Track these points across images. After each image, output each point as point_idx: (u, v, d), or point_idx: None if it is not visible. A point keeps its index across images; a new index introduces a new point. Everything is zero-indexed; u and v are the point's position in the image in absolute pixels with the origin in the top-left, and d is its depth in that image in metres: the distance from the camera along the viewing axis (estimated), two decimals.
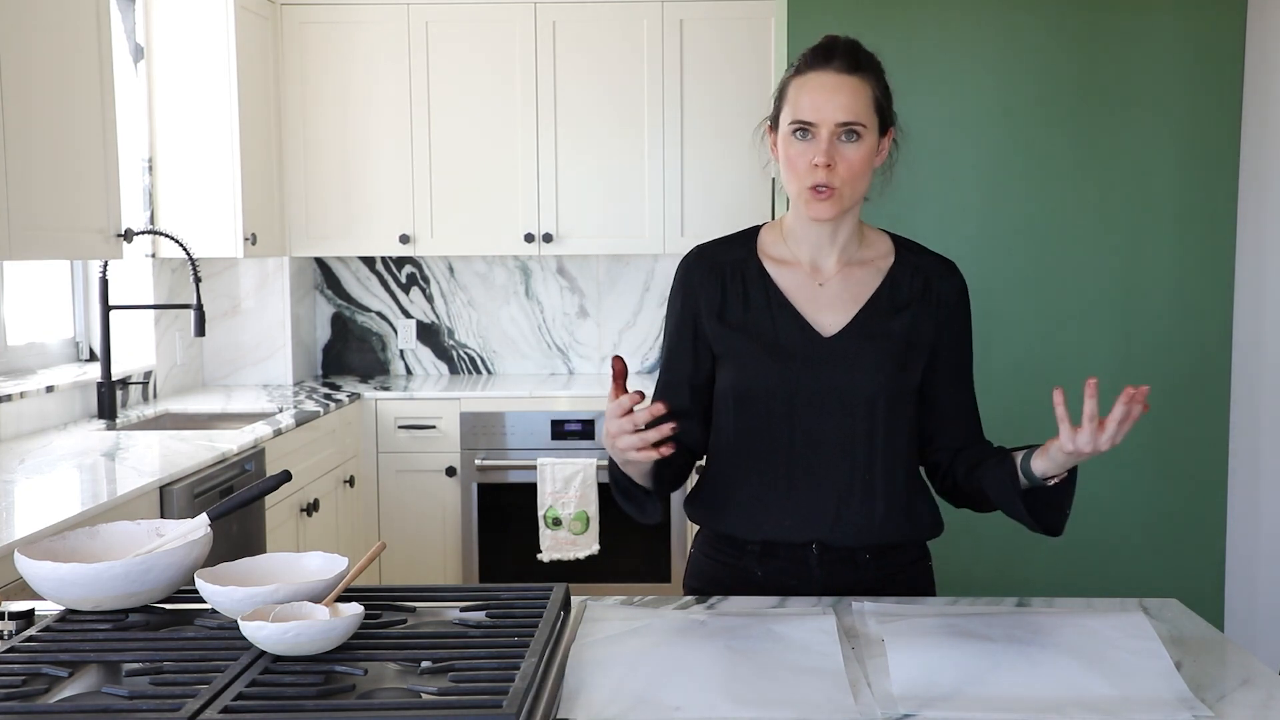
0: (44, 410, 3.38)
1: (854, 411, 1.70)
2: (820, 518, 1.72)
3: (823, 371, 1.71)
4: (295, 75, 4.39)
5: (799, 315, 1.73)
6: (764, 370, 1.72)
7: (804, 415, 1.71)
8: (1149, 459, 3.49)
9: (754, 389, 1.73)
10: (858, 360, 1.71)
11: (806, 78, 1.68)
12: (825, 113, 1.64)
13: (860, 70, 1.67)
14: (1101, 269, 3.45)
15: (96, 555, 1.57)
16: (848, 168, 1.65)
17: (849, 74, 1.66)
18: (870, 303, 1.74)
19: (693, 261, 1.80)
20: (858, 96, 1.65)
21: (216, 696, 1.21)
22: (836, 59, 1.67)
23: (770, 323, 1.73)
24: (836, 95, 1.64)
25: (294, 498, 3.59)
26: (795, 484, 1.72)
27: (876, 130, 1.68)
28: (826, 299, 1.74)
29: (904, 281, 1.76)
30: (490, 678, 1.26)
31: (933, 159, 3.41)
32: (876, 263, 1.77)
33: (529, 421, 4.24)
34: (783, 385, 1.71)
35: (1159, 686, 1.29)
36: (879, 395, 1.70)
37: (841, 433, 1.71)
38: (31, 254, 2.73)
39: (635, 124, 4.40)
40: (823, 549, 1.73)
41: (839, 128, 1.64)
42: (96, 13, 2.98)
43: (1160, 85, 3.40)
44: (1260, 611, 3.33)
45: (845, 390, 1.70)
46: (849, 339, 1.72)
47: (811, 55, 1.69)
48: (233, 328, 4.54)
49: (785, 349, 1.72)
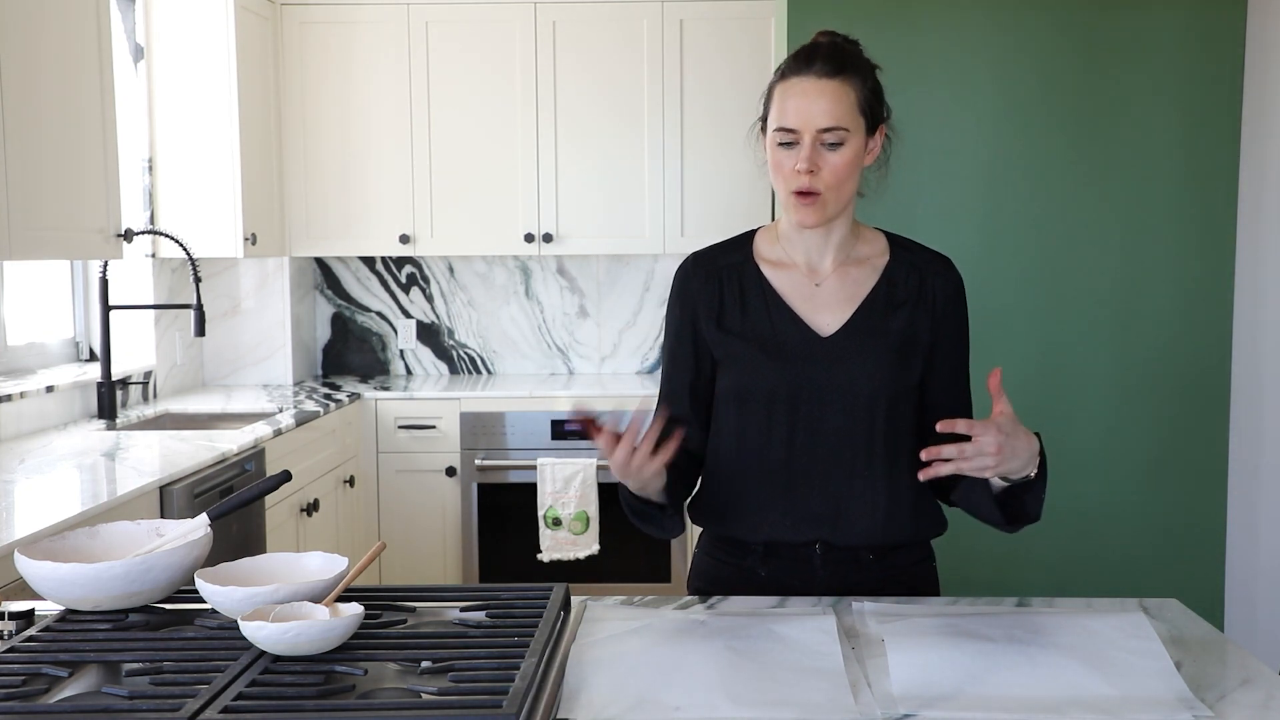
0: (44, 410, 3.38)
1: (854, 410, 1.70)
2: (822, 518, 1.72)
3: (822, 371, 1.70)
4: (295, 75, 4.39)
5: (796, 316, 1.73)
6: (764, 371, 1.72)
7: (804, 415, 1.71)
8: (1149, 460, 3.49)
9: (754, 390, 1.73)
10: (857, 359, 1.70)
11: (790, 83, 1.66)
12: (807, 119, 1.63)
13: (844, 72, 1.65)
14: (1102, 269, 3.45)
15: (96, 555, 1.57)
16: (832, 172, 1.64)
17: (831, 78, 1.64)
18: (867, 301, 1.73)
19: (689, 268, 1.81)
20: (840, 101, 1.64)
21: (216, 696, 1.21)
22: (818, 62, 1.65)
23: (768, 325, 1.73)
24: (818, 101, 1.63)
25: (294, 498, 3.59)
26: (796, 484, 1.72)
27: (863, 131, 1.67)
28: (823, 299, 1.74)
29: (900, 279, 1.75)
30: (490, 678, 1.26)
31: (933, 158, 3.41)
32: (873, 261, 1.76)
33: (529, 421, 4.24)
34: (782, 386, 1.71)
35: (1159, 686, 1.29)
36: (879, 393, 1.70)
37: (842, 432, 1.71)
38: (31, 254, 2.73)
39: (635, 124, 4.40)
40: (826, 549, 1.73)
41: (821, 134, 1.63)
42: (96, 13, 2.98)
43: (1160, 85, 3.40)
44: (1260, 611, 3.33)
45: (845, 389, 1.70)
46: (847, 338, 1.72)
47: (793, 59, 1.68)
48: (233, 328, 4.54)
49: (784, 350, 1.72)
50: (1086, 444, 3.47)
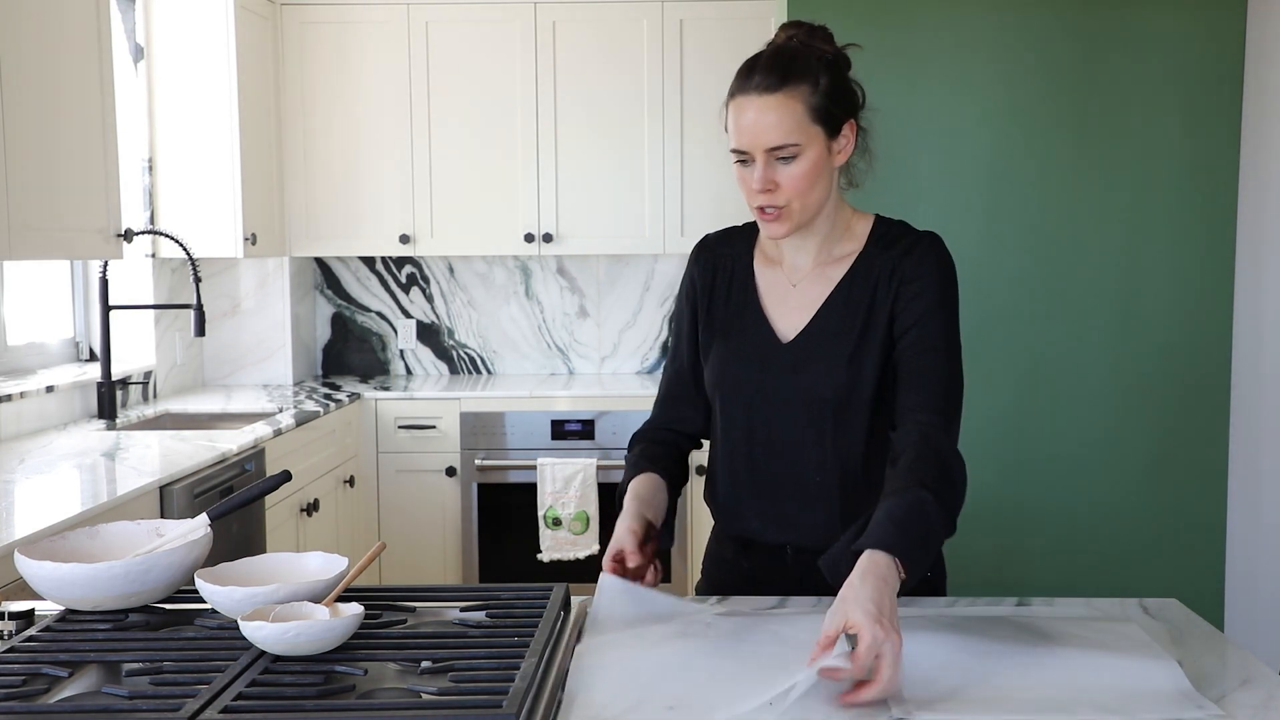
0: (44, 410, 3.38)
1: (806, 418, 1.69)
2: (785, 520, 1.73)
3: (775, 378, 1.70)
4: (295, 75, 4.39)
5: (765, 319, 1.73)
6: (728, 374, 1.73)
7: (762, 420, 1.71)
8: (1150, 459, 3.49)
9: (722, 391, 1.75)
10: (809, 366, 1.68)
11: (736, 101, 1.60)
12: (754, 139, 1.58)
13: (788, 83, 1.57)
14: (1102, 268, 3.45)
15: (96, 555, 1.57)
16: (791, 185, 1.59)
17: (773, 92, 1.57)
18: (826, 305, 1.69)
19: (698, 252, 1.83)
20: (786, 115, 1.57)
21: (216, 696, 1.21)
22: (756, 76, 1.58)
23: (740, 325, 1.74)
24: (761, 118, 1.57)
25: (294, 498, 3.59)
26: (761, 486, 1.73)
27: (822, 137, 1.60)
28: (795, 301, 1.72)
29: (863, 274, 1.68)
30: (490, 678, 1.26)
31: (933, 158, 3.41)
32: (849, 258, 1.71)
33: (529, 421, 4.24)
34: (742, 390, 1.72)
35: (1165, 685, 1.29)
36: (827, 402, 1.67)
37: (795, 438, 1.70)
38: (31, 254, 2.73)
39: (635, 124, 4.40)
40: (796, 550, 1.73)
41: (771, 152, 1.58)
42: (96, 13, 2.98)
43: (1161, 85, 3.40)
44: (1260, 611, 3.33)
45: (796, 396, 1.68)
46: (803, 344, 1.69)
47: (737, 74, 1.61)
48: (233, 328, 4.54)
49: (746, 354, 1.72)
50: (1087, 444, 3.47)
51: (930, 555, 1.45)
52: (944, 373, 1.63)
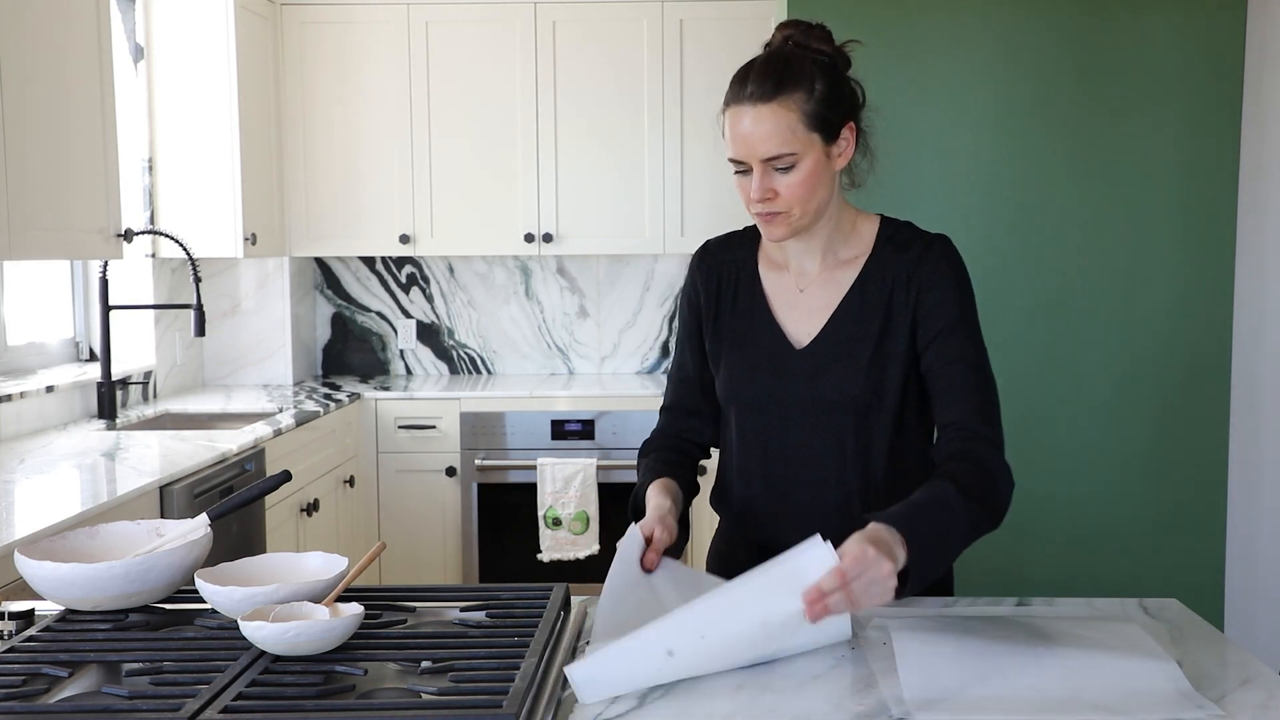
0: (44, 410, 3.38)
1: (823, 424, 1.67)
2: (802, 527, 1.71)
3: (792, 385, 1.68)
4: (295, 75, 4.39)
5: (776, 326, 1.71)
6: (742, 381, 1.72)
7: (779, 427, 1.70)
8: (1149, 458, 3.49)
9: (735, 398, 1.73)
10: (825, 373, 1.66)
11: (731, 110, 1.59)
12: (749, 150, 1.57)
13: (782, 91, 1.55)
14: (1102, 269, 3.45)
15: (96, 555, 1.57)
16: (790, 193, 1.58)
17: (767, 101, 1.55)
18: (839, 310, 1.68)
19: (700, 259, 1.81)
20: (780, 124, 1.55)
21: (216, 696, 1.21)
22: (750, 86, 1.56)
23: (751, 333, 1.72)
24: (756, 128, 1.55)
25: (294, 498, 3.59)
26: (776, 493, 1.72)
27: (819, 143, 1.58)
28: (805, 306, 1.70)
29: (876, 277, 1.67)
30: (490, 678, 1.26)
31: (933, 158, 3.41)
32: (858, 260, 1.69)
33: (529, 421, 4.24)
34: (756, 398, 1.70)
35: (1165, 685, 1.29)
36: (847, 408, 1.66)
37: (812, 445, 1.68)
38: (31, 254, 2.73)
39: (635, 124, 4.40)
40: None
41: (767, 162, 1.57)
42: (96, 13, 2.98)
43: (1160, 85, 3.40)
44: (1260, 611, 3.33)
45: (814, 403, 1.67)
46: (818, 350, 1.68)
47: (731, 83, 1.60)
48: (233, 328, 4.54)
49: (759, 361, 1.70)
50: (1086, 443, 3.47)
51: (947, 552, 1.45)
52: (976, 382, 1.63)
